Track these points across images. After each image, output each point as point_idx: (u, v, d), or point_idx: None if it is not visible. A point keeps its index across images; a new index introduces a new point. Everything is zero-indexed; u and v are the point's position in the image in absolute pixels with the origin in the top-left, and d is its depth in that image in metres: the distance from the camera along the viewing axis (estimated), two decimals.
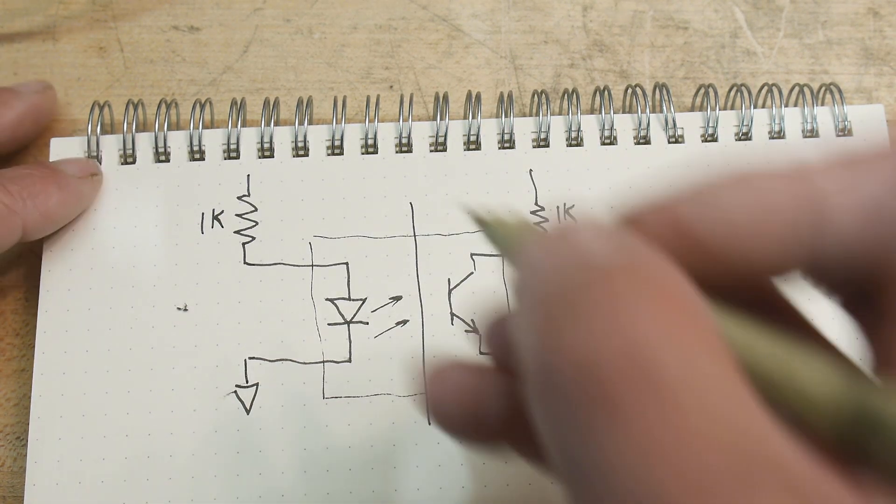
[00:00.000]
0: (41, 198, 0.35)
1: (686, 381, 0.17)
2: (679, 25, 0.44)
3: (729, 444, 0.16)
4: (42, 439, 0.35)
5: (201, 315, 0.37)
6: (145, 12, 0.44)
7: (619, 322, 0.18)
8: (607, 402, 0.17)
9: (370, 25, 0.44)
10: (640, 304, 0.18)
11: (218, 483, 0.35)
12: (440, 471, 0.35)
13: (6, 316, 0.38)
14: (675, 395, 0.17)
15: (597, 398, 0.17)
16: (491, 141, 0.40)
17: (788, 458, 0.17)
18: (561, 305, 0.18)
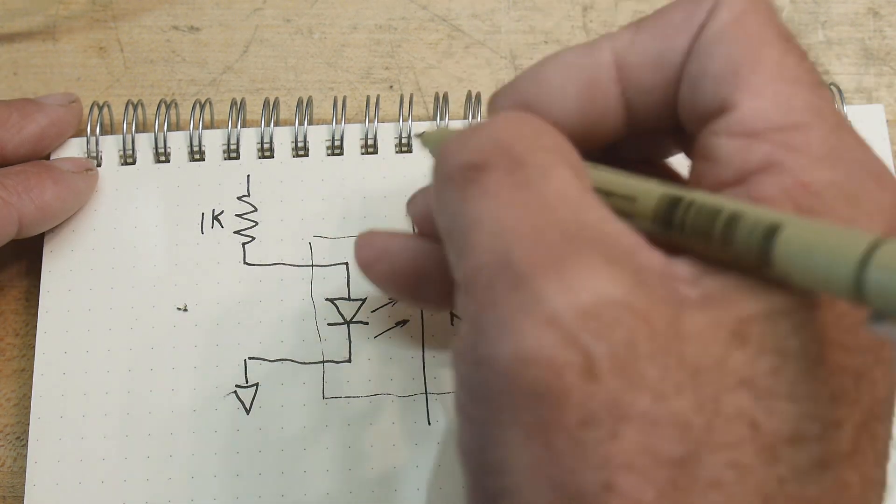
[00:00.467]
0: (37, 191, 0.35)
1: (540, 170, 0.22)
2: None
3: (564, 219, 0.21)
4: (42, 439, 0.35)
5: (201, 315, 0.37)
6: (145, 12, 0.44)
7: (497, 132, 0.23)
8: (480, 179, 0.22)
9: (370, 25, 0.44)
10: (516, 123, 0.24)
11: (218, 483, 0.35)
12: (440, 471, 0.35)
13: (6, 316, 0.38)
14: (530, 179, 0.22)
15: (473, 178, 0.23)
16: None
17: (612, 236, 0.21)
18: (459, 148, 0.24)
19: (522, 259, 0.21)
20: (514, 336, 0.20)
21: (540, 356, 0.20)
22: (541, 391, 0.20)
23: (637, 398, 0.20)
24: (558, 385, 0.20)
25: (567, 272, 0.20)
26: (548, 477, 0.20)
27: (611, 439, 0.20)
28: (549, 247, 0.21)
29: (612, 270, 0.20)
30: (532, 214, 0.21)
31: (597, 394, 0.20)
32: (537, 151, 0.23)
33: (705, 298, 0.21)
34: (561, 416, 0.20)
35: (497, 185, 0.22)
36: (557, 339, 0.20)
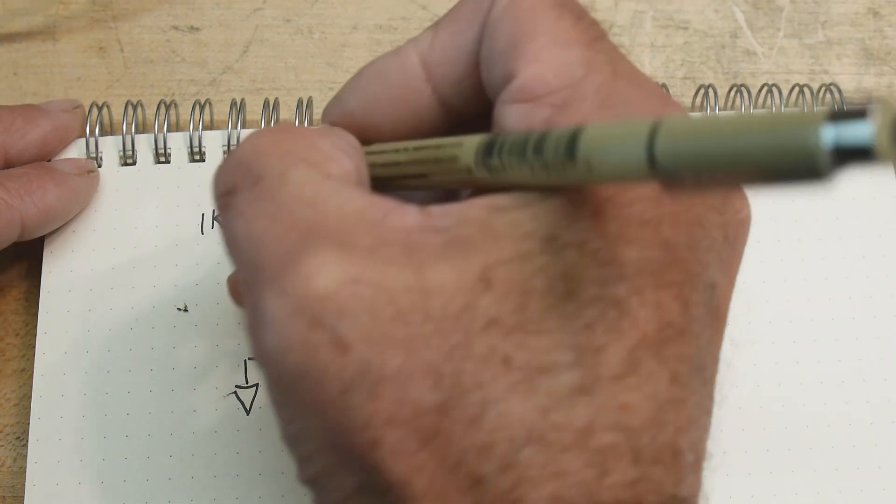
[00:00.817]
0: (38, 194, 0.35)
1: (277, 178, 0.24)
2: (679, 25, 0.44)
3: (302, 217, 0.23)
4: (42, 439, 0.35)
5: (201, 316, 0.37)
6: (145, 12, 0.44)
7: (240, 153, 0.25)
8: (231, 203, 0.25)
9: (370, 25, 0.44)
10: (255, 139, 0.26)
11: (218, 483, 0.35)
12: None
13: (6, 316, 0.38)
14: (268, 189, 0.24)
15: (227, 203, 0.25)
16: None
17: (352, 217, 0.23)
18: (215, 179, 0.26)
19: (268, 262, 0.23)
20: (270, 330, 0.22)
21: (294, 343, 0.22)
22: (303, 372, 0.22)
23: (388, 358, 0.22)
24: (314, 363, 0.22)
25: (303, 264, 0.22)
26: (328, 443, 0.23)
27: (370, 400, 0.22)
28: (289, 246, 0.23)
29: (345, 253, 0.22)
30: (273, 221, 0.23)
31: (349, 363, 0.22)
32: (272, 160, 0.25)
33: (451, 247, 0.23)
34: (324, 390, 0.22)
35: (243, 203, 0.24)
36: (305, 324, 0.22)
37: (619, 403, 0.23)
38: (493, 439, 0.22)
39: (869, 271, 0.38)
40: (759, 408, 0.36)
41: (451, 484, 0.22)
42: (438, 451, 0.22)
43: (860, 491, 0.35)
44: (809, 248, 0.38)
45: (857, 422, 0.36)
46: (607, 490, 0.22)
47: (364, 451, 0.22)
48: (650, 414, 0.23)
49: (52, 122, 0.38)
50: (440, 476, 0.22)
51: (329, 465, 0.23)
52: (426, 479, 0.22)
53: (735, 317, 0.38)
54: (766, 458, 0.36)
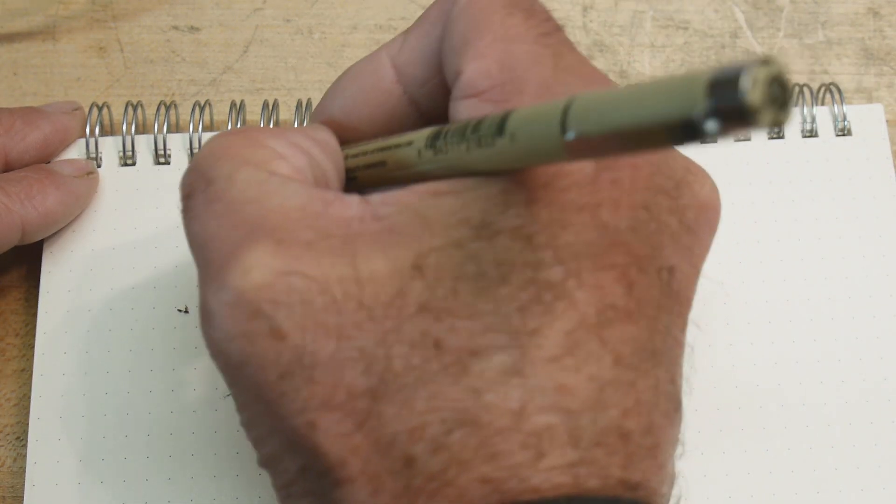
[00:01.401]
0: (39, 198, 0.35)
1: (225, 179, 0.25)
2: (679, 25, 0.44)
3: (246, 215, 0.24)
4: (42, 440, 0.35)
5: None
6: (145, 12, 0.44)
7: (196, 159, 0.27)
8: (189, 206, 0.26)
9: (370, 25, 0.44)
10: (210, 145, 0.27)
11: (217, 484, 0.35)
12: None
13: (6, 316, 0.38)
14: (217, 190, 0.25)
15: (186, 206, 0.26)
16: None
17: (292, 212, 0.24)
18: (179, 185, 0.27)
19: (213, 259, 0.25)
20: (214, 322, 0.24)
21: (234, 333, 0.23)
22: (244, 360, 0.23)
23: (321, 345, 0.23)
24: (253, 351, 0.23)
25: (242, 259, 0.23)
26: (273, 427, 0.24)
27: (306, 385, 0.23)
28: (233, 242, 0.24)
29: (281, 247, 0.23)
30: (220, 220, 0.25)
31: (285, 350, 0.23)
32: (222, 163, 0.26)
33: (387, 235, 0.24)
34: (263, 376, 0.23)
35: (197, 206, 0.26)
36: (243, 314, 0.23)
37: (556, 385, 0.23)
38: (425, 421, 0.23)
39: (868, 271, 0.38)
40: (758, 408, 0.36)
41: (384, 465, 0.23)
42: (372, 433, 0.23)
43: (860, 490, 0.35)
44: (809, 248, 0.38)
45: (858, 421, 0.36)
46: (543, 472, 0.22)
47: (302, 434, 0.23)
48: (590, 395, 0.23)
49: (53, 124, 0.38)
50: (374, 457, 0.23)
51: (276, 448, 0.24)
52: (360, 460, 0.23)
53: (733, 316, 0.38)
54: (766, 457, 0.36)
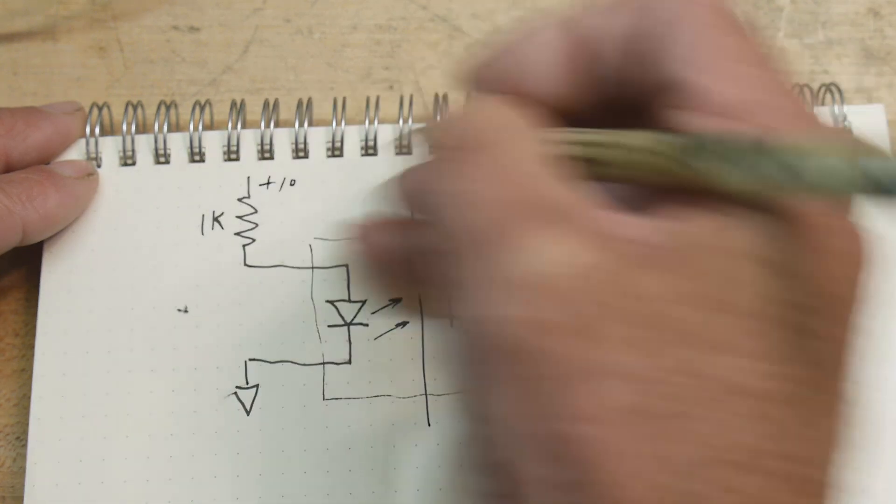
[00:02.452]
0: (40, 200, 0.35)
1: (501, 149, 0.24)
2: None
3: (523, 191, 0.23)
4: (42, 440, 0.35)
5: (202, 317, 0.37)
6: (145, 12, 0.44)
7: (467, 120, 0.26)
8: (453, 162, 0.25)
9: (370, 25, 0.44)
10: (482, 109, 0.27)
11: (218, 484, 0.35)
12: (440, 472, 0.35)
13: (6, 316, 0.38)
14: (492, 158, 0.24)
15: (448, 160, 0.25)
16: None
17: (570, 203, 0.23)
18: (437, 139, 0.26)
19: (482, 228, 0.23)
20: (479, 302, 0.22)
21: (517, 319, 0.22)
22: (520, 351, 0.22)
23: (611, 355, 0.21)
24: (537, 344, 0.21)
25: (525, 240, 0.22)
26: (530, 430, 0.22)
27: (582, 394, 0.21)
28: (509, 218, 0.23)
29: (569, 236, 0.22)
30: (491, 188, 0.23)
31: (553, 352, 0.21)
32: (501, 130, 0.25)
33: (658, 254, 0.23)
34: (534, 372, 0.21)
35: (465, 163, 0.24)
36: (523, 303, 0.22)
37: (799, 433, 0.22)
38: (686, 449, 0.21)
39: None
40: None
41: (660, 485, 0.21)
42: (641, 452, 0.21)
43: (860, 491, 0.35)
44: None
45: None
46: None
47: (564, 442, 0.21)
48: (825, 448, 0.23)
49: (54, 124, 0.38)
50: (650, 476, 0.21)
51: (520, 450, 0.22)
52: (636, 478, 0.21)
53: None
54: None
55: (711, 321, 0.22)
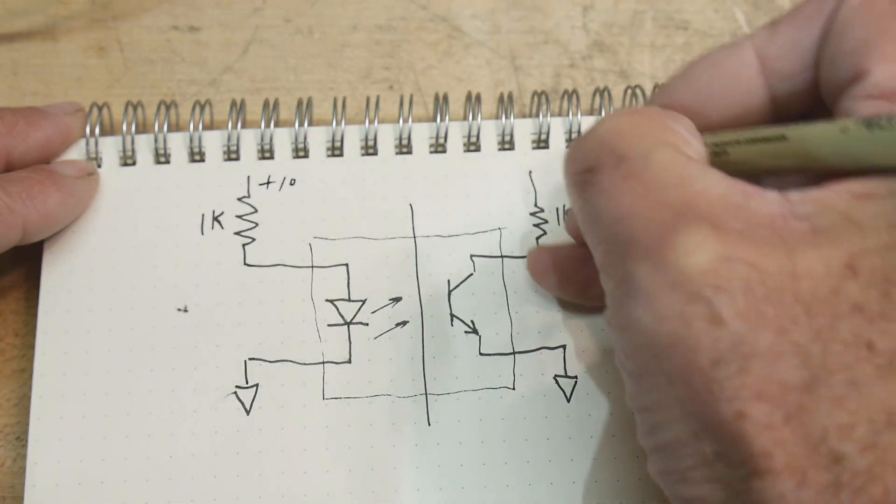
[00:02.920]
0: (40, 199, 0.36)
1: (641, 158, 0.26)
2: (679, 25, 0.44)
3: (670, 196, 0.25)
4: (42, 440, 0.35)
5: (201, 316, 0.37)
6: (145, 12, 0.44)
7: (601, 134, 0.27)
8: (593, 180, 0.27)
9: (370, 25, 0.44)
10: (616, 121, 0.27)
11: (218, 484, 0.35)
12: (440, 472, 0.35)
13: (6, 316, 0.38)
14: (633, 168, 0.26)
15: (588, 180, 0.27)
16: (491, 142, 0.40)
17: (719, 200, 0.24)
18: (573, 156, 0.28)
19: (640, 236, 0.25)
20: (647, 300, 0.24)
21: (671, 313, 0.24)
22: (675, 342, 0.24)
23: (760, 335, 0.23)
24: (689, 334, 0.23)
25: (682, 241, 0.24)
26: (689, 412, 0.24)
27: (740, 374, 0.23)
28: (662, 223, 0.24)
29: (721, 232, 0.24)
30: (641, 199, 0.25)
31: (723, 337, 0.23)
32: (636, 142, 0.26)
33: (817, 234, 0.24)
34: (695, 360, 0.23)
35: (607, 181, 0.26)
36: (683, 297, 0.23)
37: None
38: (855, 420, 0.23)
39: None
40: None
41: (811, 460, 0.23)
42: (801, 427, 0.23)
43: None
44: None
45: None
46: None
47: (728, 422, 0.23)
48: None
49: (55, 124, 0.38)
50: (800, 451, 0.23)
51: (686, 432, 0.24)
52: (787, 453, 0.23)
53: None
54: None
55: (873, 291, 0.23)
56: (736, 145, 0.28)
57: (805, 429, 0.23)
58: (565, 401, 0.36)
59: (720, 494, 0.24)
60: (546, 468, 0.35)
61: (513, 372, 0.36)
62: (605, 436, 0.35)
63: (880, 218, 0.24)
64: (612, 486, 0.35)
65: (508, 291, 0.37)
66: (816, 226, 0.24)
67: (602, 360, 0.36)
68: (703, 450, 0.24)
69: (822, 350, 0.23)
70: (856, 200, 0.24)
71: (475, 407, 0.36)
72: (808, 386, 0.23)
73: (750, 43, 0.30)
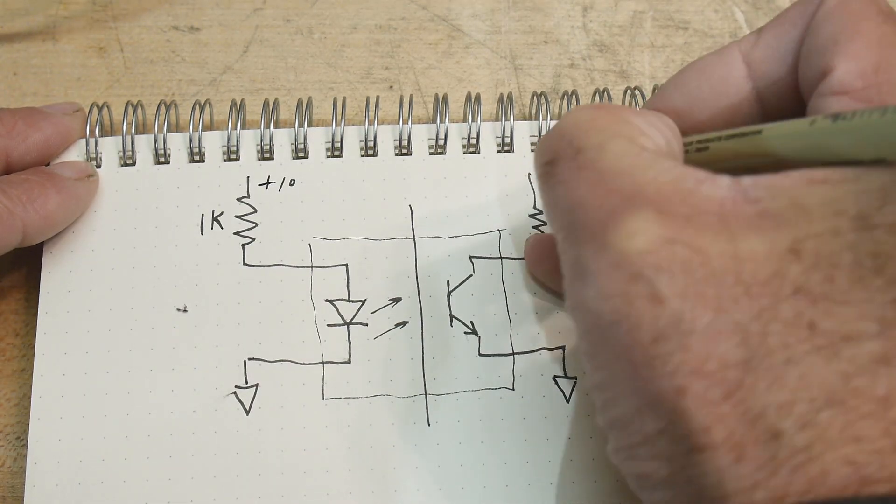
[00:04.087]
0: (40, 201, 0.36)
1: (596, 149, 0.27)
2: (679, 25, 0.44)
3: (621, 184, 0.26)
4: (42, 440, 0.35)
5: (201, 316, 0.37)
6: (145, 12, 0.44)
7: (561, 128, 0.28)
8: (553, 171, 0.28)
9: (370, 25, 0.44)
10: (575, 115, 0.28)
11: (217, 484, 0.35)
12: (439, 472, 0.35)
13: (6, 316, 0.38)
14: (588, 159, 0.27)
15: (549, 171, 0.28)
16: (490, 144, 0.40)
17: (667, 186, 0.25)
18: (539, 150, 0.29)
19: (590, 221, 0.26)
20: (592, 280, 0.25)
21: (612, 292, 0.25)
22: (618, 320, 0.24)
23: (699, 314, 0.24)
24: (629, 312, 0.24)
25: (626, 224, 0.25)
26: (634, 388, 0.25)
27: (680, 351, 0.24)
28: (610, 208, 0.25)
29: (665, 217, 0.24)
30: (594, 187, 0.26)
31: (663, 315, 0.24)
32: (592, 134, 0.27)
33: (763, 218, 0.24)
34: (637, 337, 0.24)
35: (565, 171, 0.27)
36: (625, 276, 0.24)
37: None
38: (794, 398, 0.23)
39: None
40: None
41: (750, 435, 0.23)
42: (740, 404, 0.23)
43: None
44: None
45: None
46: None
47: (669, 398, 0.24)
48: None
49: (54, 125, 0.38)
50: (739, 427, 0.23)
51: (631, 408, 0.25)
52: (726, 428, 0.23)
53: None
54: None
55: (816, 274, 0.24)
56: (717, 141, 0.29)
57: (744, 405, 0.23)
58: (565, 401, 0.36)
59: (664, 471, 0.25)
60: (546, 468, 0.35)
61: (512, 372, 0.36)
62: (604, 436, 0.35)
63: (830, 204, 0.24)
64: (612, 486, 0.35)
65: (508, 292, 0.37)
66: (764, 210, 0.25)
67: None
68: (646, 426, 0.25)
69: (761, 329, 0.24)
70: (808, 186, 0.25)
71: (475, 407, 0.36)
72: (748, 363, 0.23)
73: (737, 48, 0.31)
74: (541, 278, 0.37)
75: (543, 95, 0.40)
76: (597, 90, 0.41)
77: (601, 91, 0.41)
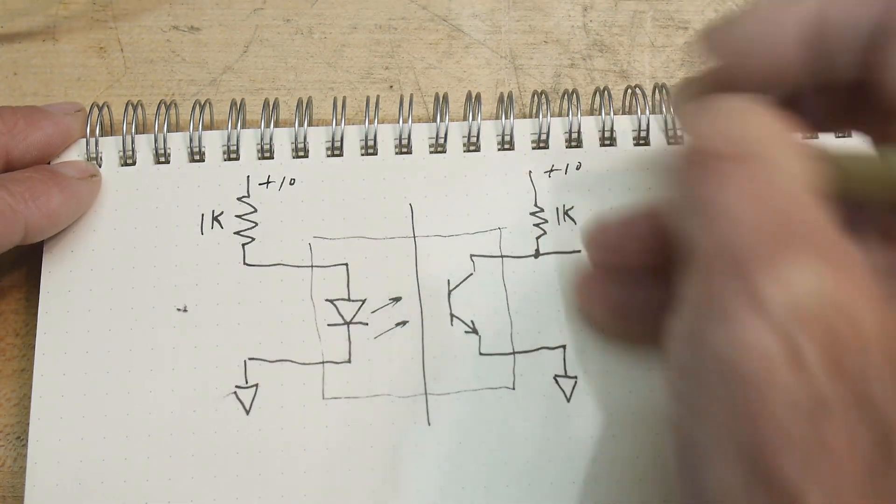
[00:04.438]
0: (43, 199, 0.36)
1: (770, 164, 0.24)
2: (679, 25, 0.44)
3: (785, 213, 0.23)
4: (42, 440, 0.35)
5: (201, 316, 0.37)
6: (145, 12, 0.44)
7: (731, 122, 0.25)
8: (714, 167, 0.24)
9: (370, 25, 0.44)
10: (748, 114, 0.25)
11: (217, 484, 0.35)
12: (440, 472, 0.35)
13: (6, 316, 0.38)
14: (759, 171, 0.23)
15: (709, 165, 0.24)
16: (490, 142, 0.40)
17: (830, 235, 0.22)
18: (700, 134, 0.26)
19: (741, 248, 0.22)
20: (729, 323, 0.22)
21: (751, 344, 0.21)
22: (748, 376, 0.21)
23: (841, 390, 0.21)
24: (765, 372, 0.21)
25: (782, 266, 0.22)
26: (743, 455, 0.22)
27: (810, 427, 0.21)
28: (768, 239, 0.22)
29: (826, 267, 0.22)
30: (756, 205, 0.23)
31: (800, 384, 0.21)
32: (768, 144, 0.24)
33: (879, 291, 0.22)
34: (765, 401, 0.21)
35: (730, 173, 0.24)
36: (768, 329, 0.21)
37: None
38: None
39: None
40: None
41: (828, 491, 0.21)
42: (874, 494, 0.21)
43: None
44: None
45: None
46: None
47: (791, 480, 0.21)
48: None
49: (55, 124, 0.38)
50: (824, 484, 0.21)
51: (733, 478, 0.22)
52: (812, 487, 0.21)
53: None
54: None
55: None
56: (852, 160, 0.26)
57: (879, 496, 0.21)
58: (565, 401, 0.36)
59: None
60: (546, 468, 0.35)
61: (513, 372, 0.36)
62: (604, 436, 0.35)
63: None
64: (612, 486, 0.35)
65: (508, 291, 0.37)
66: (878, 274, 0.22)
67: (602, 360, 0.36)
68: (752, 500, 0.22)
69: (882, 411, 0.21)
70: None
71: (475, 407, 0.36)
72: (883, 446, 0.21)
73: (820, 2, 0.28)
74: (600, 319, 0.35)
75: (544, 94, 0.40)
76: (597, 89, 0.41)
77: (601, 90, 0.41)
